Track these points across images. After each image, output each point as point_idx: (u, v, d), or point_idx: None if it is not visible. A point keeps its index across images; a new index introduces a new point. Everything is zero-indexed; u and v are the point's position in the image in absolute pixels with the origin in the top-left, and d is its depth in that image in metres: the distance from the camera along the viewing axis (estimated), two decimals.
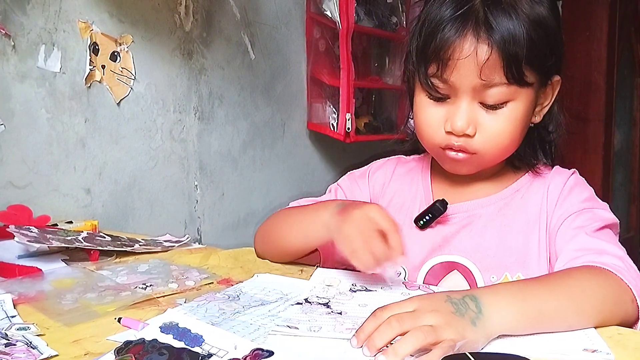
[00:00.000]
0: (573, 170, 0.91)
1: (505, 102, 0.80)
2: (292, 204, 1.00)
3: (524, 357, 0.54)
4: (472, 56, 0.77)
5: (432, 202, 0.91)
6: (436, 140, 0.84)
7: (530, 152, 0.89)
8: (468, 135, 0.81)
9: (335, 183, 1.03)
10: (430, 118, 0.84)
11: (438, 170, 0.94)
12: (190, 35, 1.54)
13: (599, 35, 2.89)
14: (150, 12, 1.43)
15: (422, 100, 0.85)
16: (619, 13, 2.96)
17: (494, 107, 0.80)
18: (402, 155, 1.03)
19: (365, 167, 1.04)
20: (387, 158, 1.04)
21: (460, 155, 0.83)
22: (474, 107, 0.80)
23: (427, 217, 0.90)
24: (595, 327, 0.65)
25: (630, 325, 0.69)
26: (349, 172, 1.04)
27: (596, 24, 2.89)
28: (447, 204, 0.89)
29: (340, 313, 0.69)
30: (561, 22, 0.85)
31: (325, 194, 1.03)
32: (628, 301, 0.69)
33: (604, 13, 2.91)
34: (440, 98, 0.82)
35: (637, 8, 3.03)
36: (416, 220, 0.91)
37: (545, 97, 0.86)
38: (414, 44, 0.84)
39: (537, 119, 0.87)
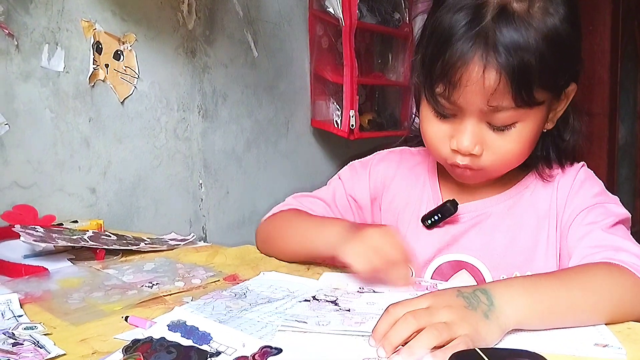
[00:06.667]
0: (582, 163, 0.88)
1: (514, 123, 0.77)
2: (289, 201, 1.00)
3: (535, 352, 0.53)
4: (480, 82, 0.72)
5: (440, 201, 0.90)
6: (442, 155, 0.82)
7: (542, 157, 0.86)
8: (474, 155, 0.79)
9: (337, 175, 1.01)
10: (436, 133, 0.82)
11: (445, 169, 0.92)
12: (194, 34, 1.54)
13: (602, 29, 2.88)
14: (153, 11, 1.43)
15: (427, 114, 0.82)
16: (622, 6, 2.95)
17: (501, 129, 0.77)
18: (407, 147, 1.00)
19: (368, 157, 1.01)
20: (391, 149, 1.01)
21: (468, 172, 0.82)
22: (480, 127, 0.77)
23: (436, 217, 0.88)
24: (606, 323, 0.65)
25: None
26: (350, 163, 1.02)
27: (599, 18, 2.88)
28: (457, 204, 0.87)
29: (349, 310, 0.68)
30: (579, 28, 0.79)
31: (325, 186, 1.01)
32: None
33: (607, 7, 2.90)
34: (445, 115, 0.80)
35: None
36: (423, 219, 0.89)
37: (559, 103, 0.82)
38: (420, 51, 0.80)
39: (550, 125, 0.83)
